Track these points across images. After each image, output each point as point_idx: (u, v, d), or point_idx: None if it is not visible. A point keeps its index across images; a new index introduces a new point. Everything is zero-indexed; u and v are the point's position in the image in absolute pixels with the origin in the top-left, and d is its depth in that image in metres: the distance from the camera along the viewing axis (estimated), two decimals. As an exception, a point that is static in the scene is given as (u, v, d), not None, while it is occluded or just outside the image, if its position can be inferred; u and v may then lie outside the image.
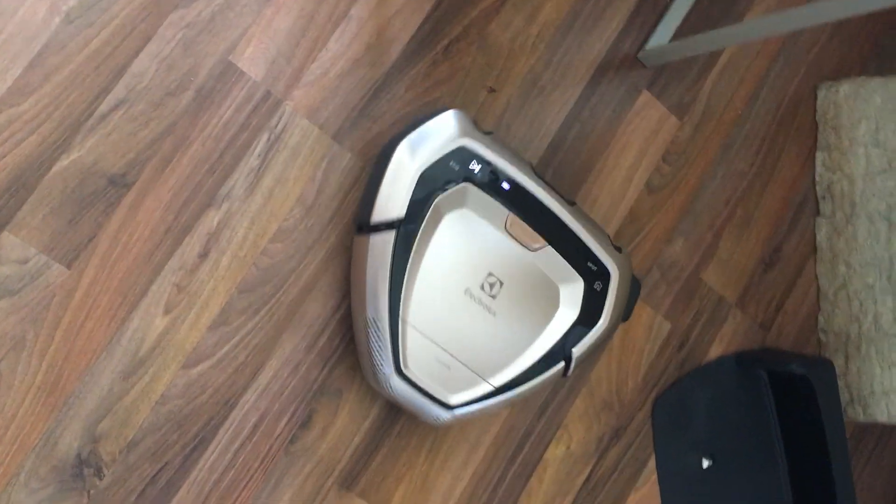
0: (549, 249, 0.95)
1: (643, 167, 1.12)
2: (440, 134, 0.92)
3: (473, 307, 0.92)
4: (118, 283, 0.86)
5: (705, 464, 1.12)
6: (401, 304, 0.88)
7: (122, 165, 0.86)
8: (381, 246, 0.89)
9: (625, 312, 1.01)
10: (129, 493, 0.86)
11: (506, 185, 0.93)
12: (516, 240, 0.94)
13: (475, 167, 0.92)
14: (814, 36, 1.25)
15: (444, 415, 0.92)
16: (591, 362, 1.08)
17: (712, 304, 1.16)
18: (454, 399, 0.91)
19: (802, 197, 1.23)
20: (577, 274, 0.96)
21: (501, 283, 0.93)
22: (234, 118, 0.91)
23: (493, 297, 0.93)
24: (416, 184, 0.89)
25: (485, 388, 0.92)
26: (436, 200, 0.90)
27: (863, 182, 1.18)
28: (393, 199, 0.89)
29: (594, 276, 0.97)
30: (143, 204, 0.87)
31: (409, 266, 0.89)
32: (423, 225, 0.90)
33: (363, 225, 0.91)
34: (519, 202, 0.94)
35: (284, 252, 0.93)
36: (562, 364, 0.96)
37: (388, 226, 0.89)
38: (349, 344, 0.95)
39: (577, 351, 0.96)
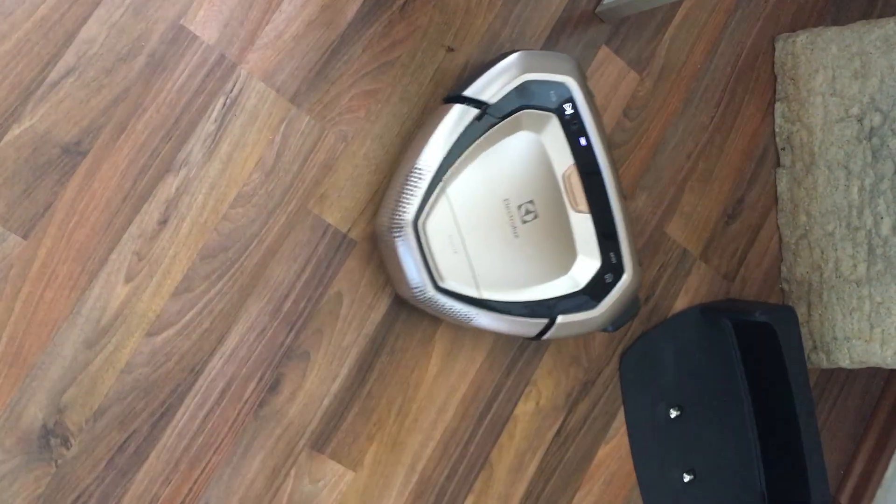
0: (588, 219, 0.99)
1: (604, 123, 1.12)
2: (556, 64, 0.98)
3: (503, 218, 0.96)
4: (77, 253, 0.85)
5: (673, 414, 1.14)
6: (449, 171, 0.92)
7: (76, 133, 0.85)
8: (461, 115, 0.93)
9: (616, 320, 1.03)
10: (97, 461, 0.86)
11: (583, 141, 0.99)
12: (566, 191, 0.98)
13: (568, 109, 0.98)
14: (770, -13, 1.25)
15: (430, 290, 0.92)
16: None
17: (677, 257, 1.17)
18: (446, 282, 0.93)
19: (763, 148, 1.24)
20: (598, 254, 1.00)
21: (536, 216, 0.97)
22: (188, 83, 0.90)
23: (525, 222, 0.96)
24: (516, 87, 0.95)
25: (472, 291, 0.94)
26: (524, 111, 0.96)
27: (821, 132, 1.19)
28: (491, 85, 0.95)
29: (610, 267, 1.00)
30: (98, 172, 0.86)
31: (473, 146, 0.93)
32: (502, 122, 0.95)
33: (453, 97, 0.96)
34: (585, 163, 0.99)
35: (246, 217, 0.92)
36: (544, 322, 0.97)
37: (476, 103, 0.94)
38: (315, 306, 0.95)
39: (562, 319, 0.98)
